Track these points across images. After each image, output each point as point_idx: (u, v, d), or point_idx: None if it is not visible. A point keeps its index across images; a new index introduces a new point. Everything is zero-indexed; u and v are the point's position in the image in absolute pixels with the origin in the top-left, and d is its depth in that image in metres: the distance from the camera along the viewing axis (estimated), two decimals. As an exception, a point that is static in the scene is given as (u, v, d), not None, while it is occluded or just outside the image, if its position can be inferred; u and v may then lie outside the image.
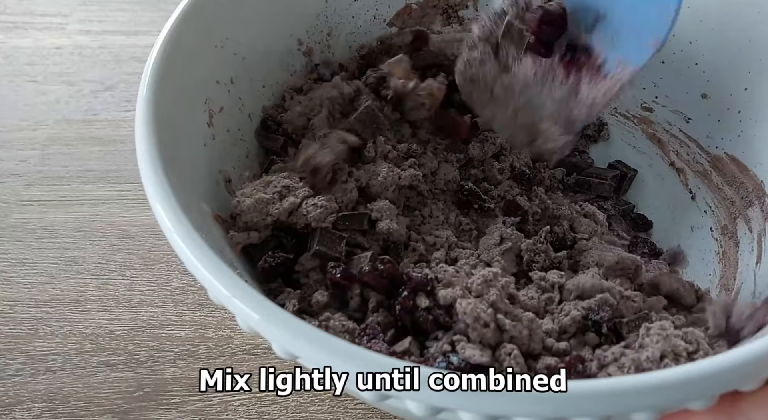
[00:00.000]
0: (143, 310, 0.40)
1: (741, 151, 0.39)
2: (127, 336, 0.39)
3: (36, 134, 0.50)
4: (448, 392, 0.21)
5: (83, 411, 0.36)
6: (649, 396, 0.21)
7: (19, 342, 0.39)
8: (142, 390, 0.37)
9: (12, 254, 0.43)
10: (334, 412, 0.36)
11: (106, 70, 0.54)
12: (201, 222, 0.28)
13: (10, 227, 0.44)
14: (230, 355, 0.38)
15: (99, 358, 0.38)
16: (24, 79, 0.54)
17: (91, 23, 0.58)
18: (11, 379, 0.37)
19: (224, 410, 0.36)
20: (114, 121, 0.51)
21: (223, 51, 0.36)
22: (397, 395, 0.22)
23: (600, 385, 0.22)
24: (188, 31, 0.33)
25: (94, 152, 0.49)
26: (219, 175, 0.33)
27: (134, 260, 0.43)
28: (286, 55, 0.40)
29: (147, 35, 0.57)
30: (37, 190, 0.46)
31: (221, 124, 0.35)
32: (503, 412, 0.21)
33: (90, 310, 0.40)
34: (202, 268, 0.25)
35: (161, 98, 0.30)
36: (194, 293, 0.41)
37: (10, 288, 0.41)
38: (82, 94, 0.52)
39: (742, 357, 0.22)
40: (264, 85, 0.38)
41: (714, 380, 0.22)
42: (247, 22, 0.37)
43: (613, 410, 0.21)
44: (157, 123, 0.29)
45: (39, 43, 0.57)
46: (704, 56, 0.40)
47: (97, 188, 0.46)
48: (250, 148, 0.37)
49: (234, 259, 0.30)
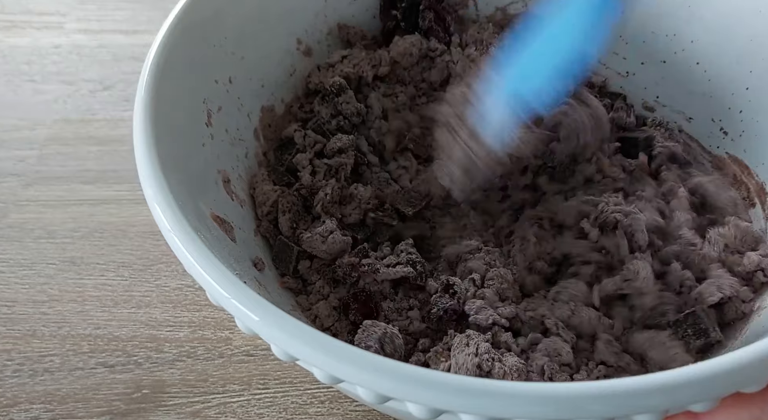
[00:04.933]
0: (142, 310, 0.40)
1: (743, 151, 0.38)
2: (125, 337, 0.39)
3: (34, 134, 0.50)
4: (449, 394, 0.21)
5: (81, 412, 0.36)
6: (651, 397, 0.21)
7: (17, 343, 0.39)
8: (140, 391, 0.37)
9: (10, 254, 0.43)
10: (333, 414, 0.36)
11: (104, 69, 0.54)
12: (199, 222, 0.28)
13: (7, 227, 0.44)
14: (229, 356, 0.38)
15: (97, 359, 0.38)
16: (22, 78, 0.53)
17: (89, 22, 0.58)
18: (9, 380, 0.37)
19: (223, 412, 0.36)
20: (112, 120, 0.50)
21: (222, 50, 0.35)
22: (398, 397, 0.22)
23: (601, 386, 0.22)
24: (187, 30, 0.33)
25: (93, 152, 0.48)
26: (218, 175, 0.33)
27: (133, 261, 0.42)
28: (285, 54, 0.40)
29: (146, 34, 0.57)
30: (35, 190, 0.46)
31: (220, 123, 0.35)
32: (504, 414, 0.21)
33: (88, 311, 0.40)
34: (200, 269, 0.25)
35: (159, 98, 0.30)
36: (193, 294, 0.41)
37: (7, 288, 0.41)
38: (81, 94, 0.52)
39: (746, 358, 0.22)
40: (263, 84, 0.38)
41: (717, 382, 0.22)
42: (245, 21, 0.37)
43: (615, 412, 0.21)
44: (155, 123, 0.29)
45: (37, 42, 0.56)
46: (706, 56, 0.40)
47: (96, 188, 0.46)
48: (248, 148, 0.37)
49: (234, 260, 0.29)
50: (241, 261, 0.31)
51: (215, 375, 0.37)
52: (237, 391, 0.37)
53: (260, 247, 0.34)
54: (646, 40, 0.42)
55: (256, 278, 0.31)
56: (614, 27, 0.30)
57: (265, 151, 0.38)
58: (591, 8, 0.30)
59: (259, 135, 0.38)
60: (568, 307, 0.32)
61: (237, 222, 0.33)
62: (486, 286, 0.32)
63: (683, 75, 0.41)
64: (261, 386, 0.37)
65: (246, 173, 0.36)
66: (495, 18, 0.44)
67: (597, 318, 0.32)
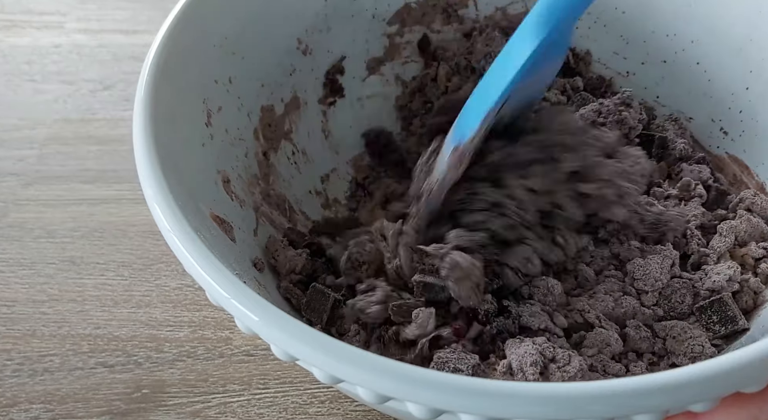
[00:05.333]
0: (141, 310, 0.40)
1: (743, 151, 0.38)
2: (125, 337, 0.39)
3: (34, 133, 0.49)
4: (449, 394, 0.21)
5: (81, 412, 0.36)
6: (651, 398, 0.21)
7: (17, 342, 0.39)
8: (140, 391, 0.37)
9: (9, 254, 0.43)
10: (333, 414, 0.36)
11: (104, 69, 0.54)
12: (199, 222, 0.28)
13: (7, 227, 0.44)
14: (229, 356, 0.38)
15: (97, 359, 0.38)
16: (22, 78, 0.53)
17: (89, 22, 0.58)
18: (8, 379, 0.37)
19: (223, 412, 0.36)
20: (112, 120, 0.50)
21: (222, 50, 0.35)
22: (398, 397, 0.22)
23: (601, 386, 0.22)
24: (186, 30, 0.33)
25: (93, 152, 0.48)
26: (217, 175, 0.33)
27: (132, 260, 0.42)
28: (285, 54, 0.40)
29: (146, 34, 0.57)
30: (35, 189, 0.46)
31: (220, 123, 0.34)
32: (504, 414, 0.21)
33: (88, 311, 0.40)
34: (200, 269, 0.25)
35: (159, 98, 0.30)
36: (193, 294, 0.41)
37: (7, 288, 0.41)
38: (81, 94, 0.52)
39: (746, 358, 0.22)
40: (263, 84, 0.38)
41: (717, 382, 0.22)
42: (245, 21, 0.37)
43: (615, 412, 0.21)
44: (155, 122, 0.29)
45: (37, 42, 0.56)
46: (706, 56, 0.40)
47: (96, 188, 0.46)
48: (248, 148, 0.37)
49: (233, 260, 0.29)
50: (240, 261, 0.31)
51: (215, 375, 0.37)
52: (237, 391, 0.37)
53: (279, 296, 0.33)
54: (647, 40, 0.42)
55: (255, 278, 0.31)
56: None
57: (264, 150, 0.38)
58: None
59: (259, 135, 0.38)
60: (611, 298, 0.32)
61: (237, 222, 0.33)
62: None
63: (683, 75, 0.41)
64: (261, 386, 0.37)
65: (246, 173, 0.36)
66: (495, 18, 0.44)
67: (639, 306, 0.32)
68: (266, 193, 0.37)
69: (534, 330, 0.31)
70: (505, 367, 0.28)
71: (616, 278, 0.33)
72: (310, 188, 0.40)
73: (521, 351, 0.28)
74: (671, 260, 0.33)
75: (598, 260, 0.34)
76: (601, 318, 0.31)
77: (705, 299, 0.32)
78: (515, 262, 0.32)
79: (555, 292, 0.32)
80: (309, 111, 0.41)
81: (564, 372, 0.28)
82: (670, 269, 0.33)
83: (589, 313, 0.32)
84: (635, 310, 0.32)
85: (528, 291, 0.32)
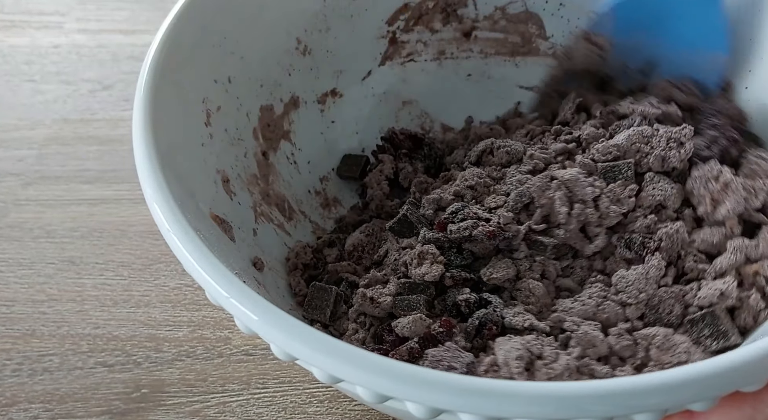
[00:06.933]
0: (141, 310, 0.40)
1: (742, 151, 0.38)
2: (124, 336, 0.39)
3: (33, 134, 0.49)
4: (448, 394, 0.21)
5: (80, 412, 0.36)
6: (650, 397, 0.21)
7: (16, 342, 0.39)
8: (139, 391, 0.37)
9: (9, 254, 0.43)
10: (332, 414, 0.36)
11: (103, 69, 0.54)
12: (199, 222, 0.28)
13: (7, 227, 0.44)
14: (228, 355, 0.38)
15: (96, 359, 0.38)
16: (21, 78, 0.53)
17: (88, 22, 0.58)
18: (8, 379, 0.37)
19: (222, 411, 0.36)
20: (112, 120, 0.50)
21: (221, 50, 0.35)
22: (397, 397, 0.22)
23: (601, 386, 0.22)
24: (186, 30, 0.33)
25: (92, 152, 0.48)
26: (217, 175, 0.33)
27: (132, 260, 0.42)
28: (284, 54, 0.40)
29: (145, 34, 0.57)
30: (35, 189, 0.46)
31: (219, 123, 0.35)
32: (503, 413, 0.21)
33: (87, 311, 0.40)
34: (199, 268, 0.25)
35: (159, 98, 0.30)
36: (192, 294, 0.41)
37: (7, 288, 0.41)
38: (80, 94, 0.52)
39: (745, 358, 0.22)
40: (262, 84, 0.38)
41: (716, 381, 0.22)
42: (244, 21, 0.37)
43: (615, 412, 0.21)
44: (154, 122, 0.29)
45: (36, 42, 0.56)
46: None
47: (95, 188, 0.46)
48: (248, 148, 0.37)
49: (233, 259, 0.29)
50: (240, 261, 0.31)
51: (214, 374, 0.37)
52: (236, 390, 0.37)
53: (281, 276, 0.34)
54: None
55: (255, 278, 0.31)
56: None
57: (264, 150, 0.38)
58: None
59: (258, 135, 0.38)
60: (594, 302, 0.31)
61: (236, 222, 0.33)
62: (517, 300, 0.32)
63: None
64: (260, 386, 0.37)
65: (245, 173, 0.36)
66: (494, 18, 0.44)
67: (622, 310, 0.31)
68: (266, 193, 0.37)
69: (520, 329, 0.30)
70: (491, 362, 0.28)
71: (602, 283, 0.32)
72: (310, 188, 0.40)
73: (508, 346, 0.28)
74: (659, 271, 0.32)
75: (578, 271, 0.33)
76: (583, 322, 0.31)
77: (698, 311, 0.30)
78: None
79: (537, 294, 0.32)
80: (308, 111, 0.41)
81: (550, 369, 0.27)
82: (658, 280, 0.32)
83: (572, 316, 0.31)
84: (618, 316, 0.31)
85: (509, 294, 0.32)
